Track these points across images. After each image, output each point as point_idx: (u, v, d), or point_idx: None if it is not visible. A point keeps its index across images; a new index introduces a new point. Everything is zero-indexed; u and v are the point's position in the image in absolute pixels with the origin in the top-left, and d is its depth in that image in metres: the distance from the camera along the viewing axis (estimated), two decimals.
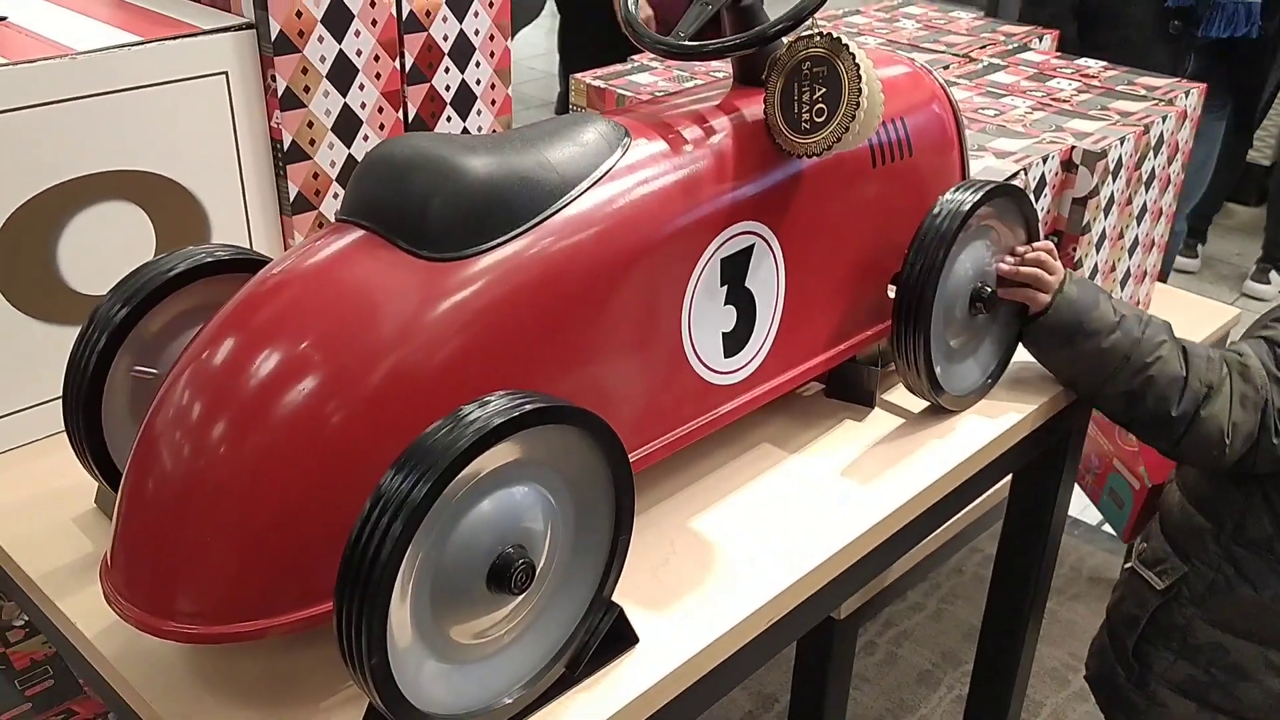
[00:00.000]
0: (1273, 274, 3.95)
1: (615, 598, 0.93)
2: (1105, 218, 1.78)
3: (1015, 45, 2.17)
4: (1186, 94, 1.91)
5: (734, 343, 1.09)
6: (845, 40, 0.99)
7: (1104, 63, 2.08)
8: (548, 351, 0.92)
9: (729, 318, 1.07)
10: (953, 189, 1.18)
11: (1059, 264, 1.30)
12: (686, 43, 1.03)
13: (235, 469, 0.85)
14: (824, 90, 1.00)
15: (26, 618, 1.28)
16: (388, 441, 0.81)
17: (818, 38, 1.00)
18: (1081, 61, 2.09)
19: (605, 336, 0.97)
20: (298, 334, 0.86)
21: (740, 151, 1.05)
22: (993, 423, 1.27)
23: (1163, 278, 2.37)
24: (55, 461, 1.16)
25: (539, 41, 6.14)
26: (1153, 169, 1.86)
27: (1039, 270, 1.28)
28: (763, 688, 2.28)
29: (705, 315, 1.05)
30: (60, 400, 1.01)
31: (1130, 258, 1.93)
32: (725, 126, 1.05)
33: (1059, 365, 1.33)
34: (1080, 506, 2.39)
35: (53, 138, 1.13)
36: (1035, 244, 1.31)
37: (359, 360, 0.84)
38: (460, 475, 0.77)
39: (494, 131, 1.46)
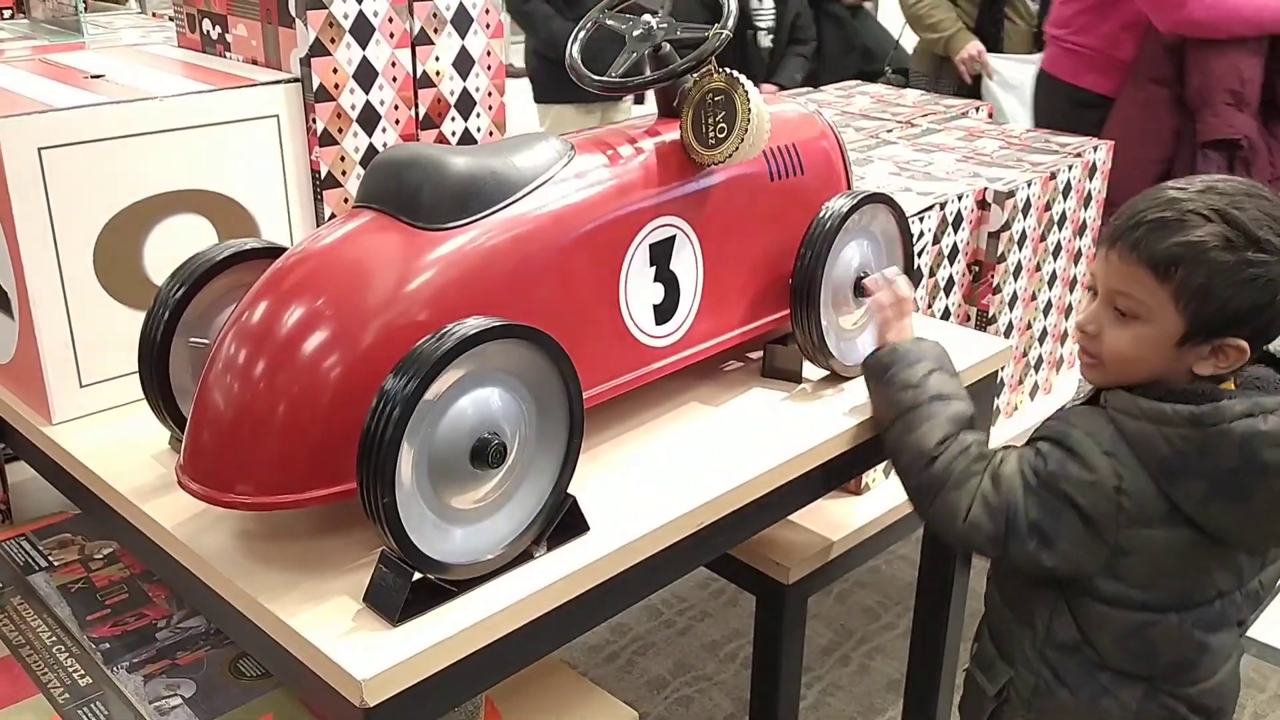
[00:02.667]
0: None
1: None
2: (1020, 250, 2.08)
3: (954, 115, 2.49)
4: (1095, 149, 2.23)
5: (663, 313, 1.38)
6: (738, 76, 1.32)
7: (1028, 126, 2.40)
8: (510, 299, 1.21)
9: (658, 293, 1.37)
10: (836, 198, 1.48)
11: (908, 328, 1.47)
12: (616, 80, 1.36)
13: (272, 393, 1.12)
14: (723, 114, 1.32)
15: (107, 551, 1.58)
16: (390, 359, 1.07)
17: (717, 74, 1.33)
18: (1008, 127, 2.41)
19: (556, 295, 1.26)
20: (321, 286, 1.15)
21: (662, 163, 1.36)
22: None
23: None
24: (138, 418, 1.42)
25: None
26: (1064, 211, 2.17)
27: (887, 316, 1.46)
28: (744, 694, 2.52)
29: (638, 289, 1.35)
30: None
31: (1050, 289, 2.23)
32: (650, 145, 1.37)
33: (870, 394, 1.46)
34: None
35: (142, 162, 1.44)
36: (901, 298, 1.47)
37: (370, 299, 1.14)
38: (444, 373, 1.05)
39: None
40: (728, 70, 1.32)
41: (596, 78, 1.36)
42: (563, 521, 1.20)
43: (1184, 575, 1.33)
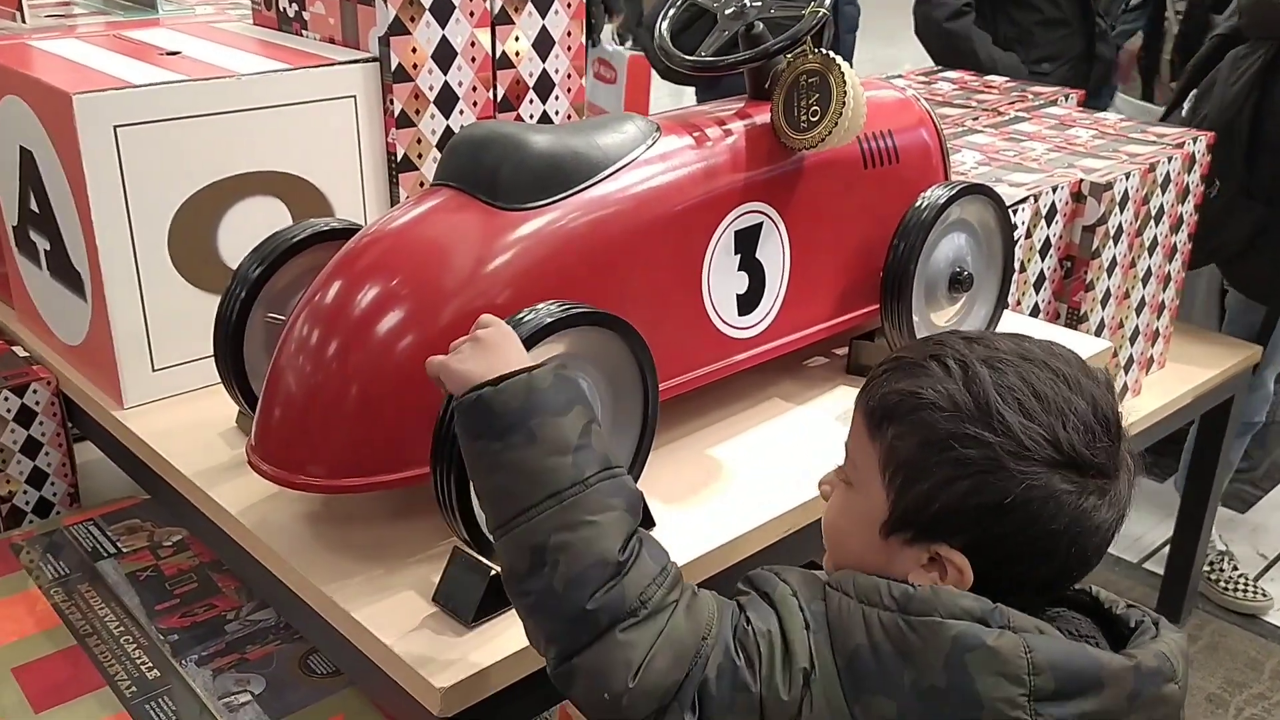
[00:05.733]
0: None
1: None
2: (1115, 245, 1.99)
3: (1042, 102, 2.41)
4: (1195, 140, 2.13)
5: (747, 304, 1.33)
6: (835, 57, 1.26)
7: (1120, 115, 2.31)
8: (589, 283, 1.17)
9: (742, 282, 1.32)
10: (933, 187, 1.42)
11: (516, 348, 0.97)
12: (708, 58, 1.30)
13: (344, 375, 1.09)
14: (818, 96, 1.26)
15: (176, 539, 1.56)
16: None
17: (812, 55, 1.27)
18: (1101, 115, 2.32)
19: (637, 280, 1.22)
20: (396, 266, 1.12)
21: (751, 146, 1.30)
22: None
23: None
24: (210, 403, 1.41)
25: None
26: (1161, 205, 2.08)
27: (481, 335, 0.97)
28: None
29: (722, 277, 1.30)
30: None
31: (1144, 287, 2.14)
32: (739, 127, 1.31)
33: (476, 461, 0.94)
34: None
35: (218, 142, 1.41)
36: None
37: (446, 280, 1.10)
38: None
39: None
40: (823, 50, 1.26)
41: (687, 57, 1.31)
42: None
43: None
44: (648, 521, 1.18)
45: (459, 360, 0.95)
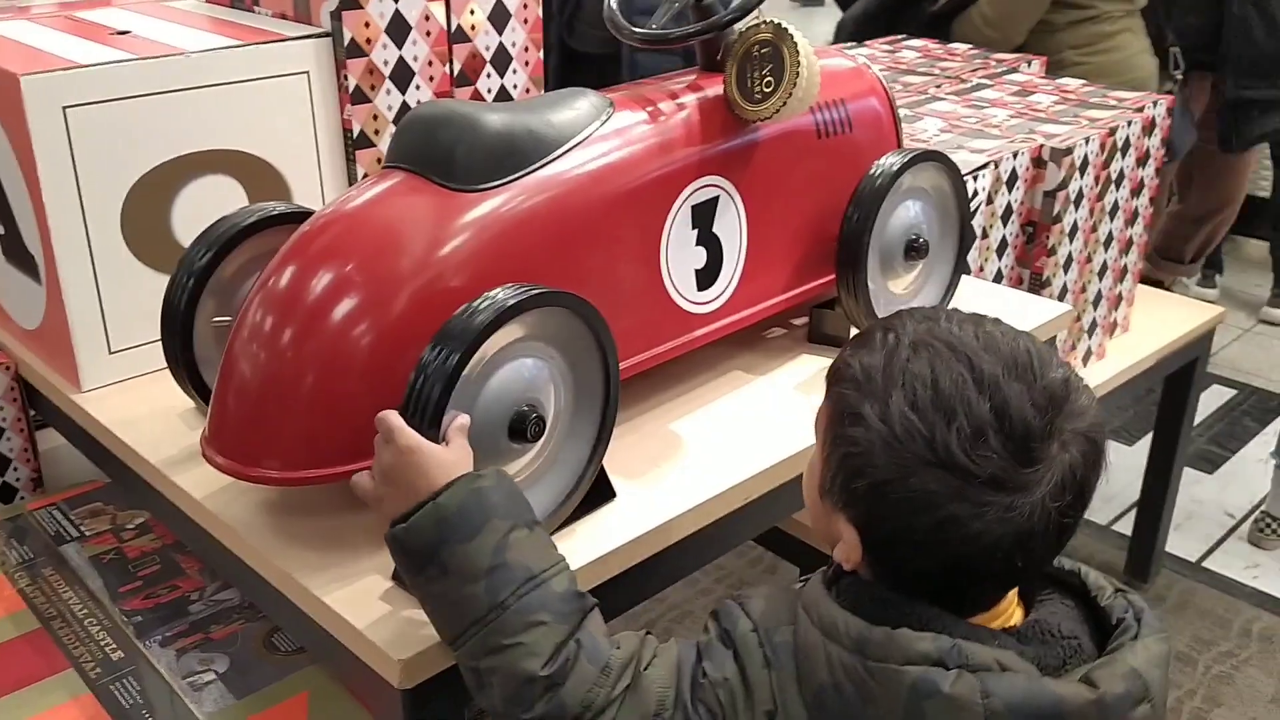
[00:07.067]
0: None
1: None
2: (1076, 210, 2.00)
3: (1004, 69, 2.41)
4: (1154, 104, 2.14)
5: (705, 278, 1.33)
6: (787, 27, 1.25)
7: (1083, 81, 2.31)
8: (547, 264, 1.16)
9: (700, 257, 1.31)
10: (886, 156, 1.42)
11: (437, 468, 0.96)
12: (658, 31, 1.30)
13: (299, 363, 1.08)
14: (771, 66, 1.26)
15: (138, 521, 1.56)
16: (423, 327, 1.03)
17: (764, 25, 1.27)
18: (1063, 81, 2.32)
19: (595, 259, 1.21)
20: (351, 250, 1.10)
21: (705, 120, 1.30)
22: None
23: None
24: (168, 385, 1.35)
25: None
26: (1121, 169, 2.08)
27: (401, 475, 0.97)
28: None
29: (680, 253, 1.29)
30: None
31: (1106, 251, 2.15)
32: (692, 100, 1.31)
33: (410, 589, 1.01)
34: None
35: (169, 121, 1.40)
36: (406, 447, 0.97)
37: (402, 264, 1.09)
38: (480, 349, 1.00)
39: None
40: (775, 21, 1.26)
41: (636, 30, 1.30)
42: (591, 489, 1.16)
43: None
44: (608, 493, 1.18)
45: (375, 501, 1.00)
